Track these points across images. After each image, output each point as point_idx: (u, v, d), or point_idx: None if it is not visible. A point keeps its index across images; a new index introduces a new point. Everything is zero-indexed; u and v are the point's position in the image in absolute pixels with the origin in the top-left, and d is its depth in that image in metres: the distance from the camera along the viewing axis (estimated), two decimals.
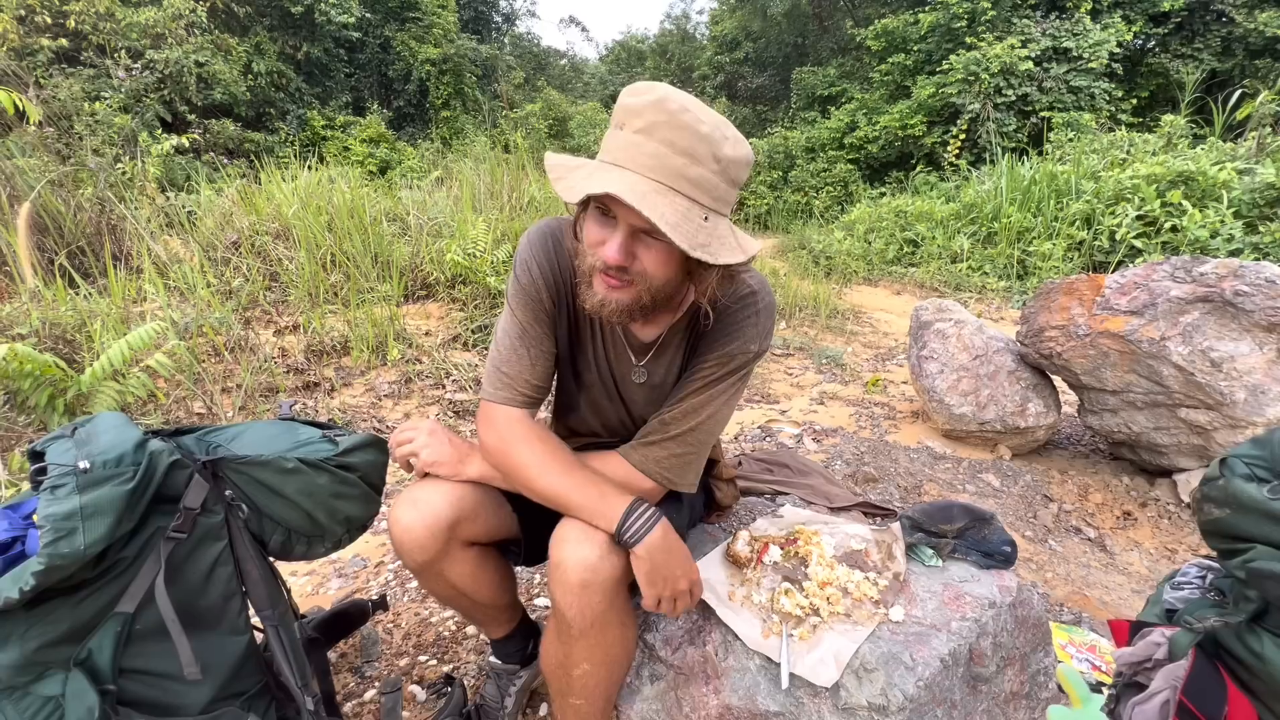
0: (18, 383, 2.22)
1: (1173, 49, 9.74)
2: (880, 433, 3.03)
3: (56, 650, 0.79)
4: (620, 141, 0.82)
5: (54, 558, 0.71)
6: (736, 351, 1.02)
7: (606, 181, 0.78)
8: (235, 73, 9.24)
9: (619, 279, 0.87)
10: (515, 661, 1.29)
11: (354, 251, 3.81)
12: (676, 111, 0.79)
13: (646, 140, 0.80)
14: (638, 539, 0.91)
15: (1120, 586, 2.02)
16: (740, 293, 1.03)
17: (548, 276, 1.03)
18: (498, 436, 1.01)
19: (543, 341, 1.04)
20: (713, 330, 1.03)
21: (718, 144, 0.81)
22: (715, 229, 0.83)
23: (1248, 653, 0.73)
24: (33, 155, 4.35)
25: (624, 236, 0.84)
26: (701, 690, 1.04)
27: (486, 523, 1.09)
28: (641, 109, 0.80)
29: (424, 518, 0.99)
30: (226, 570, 0.91)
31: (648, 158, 0.79)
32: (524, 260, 1.03)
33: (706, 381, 1.02)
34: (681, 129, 0.79)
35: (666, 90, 0.81)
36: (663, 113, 0.79)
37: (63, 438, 0.83)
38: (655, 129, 0.79)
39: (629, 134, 0.81)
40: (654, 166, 0.79)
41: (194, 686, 0.86)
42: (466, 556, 1.07)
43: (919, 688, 0.94)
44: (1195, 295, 2.20)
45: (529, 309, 1.03)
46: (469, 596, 1.11)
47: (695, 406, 1.02)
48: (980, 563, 1.17)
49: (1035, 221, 6.39)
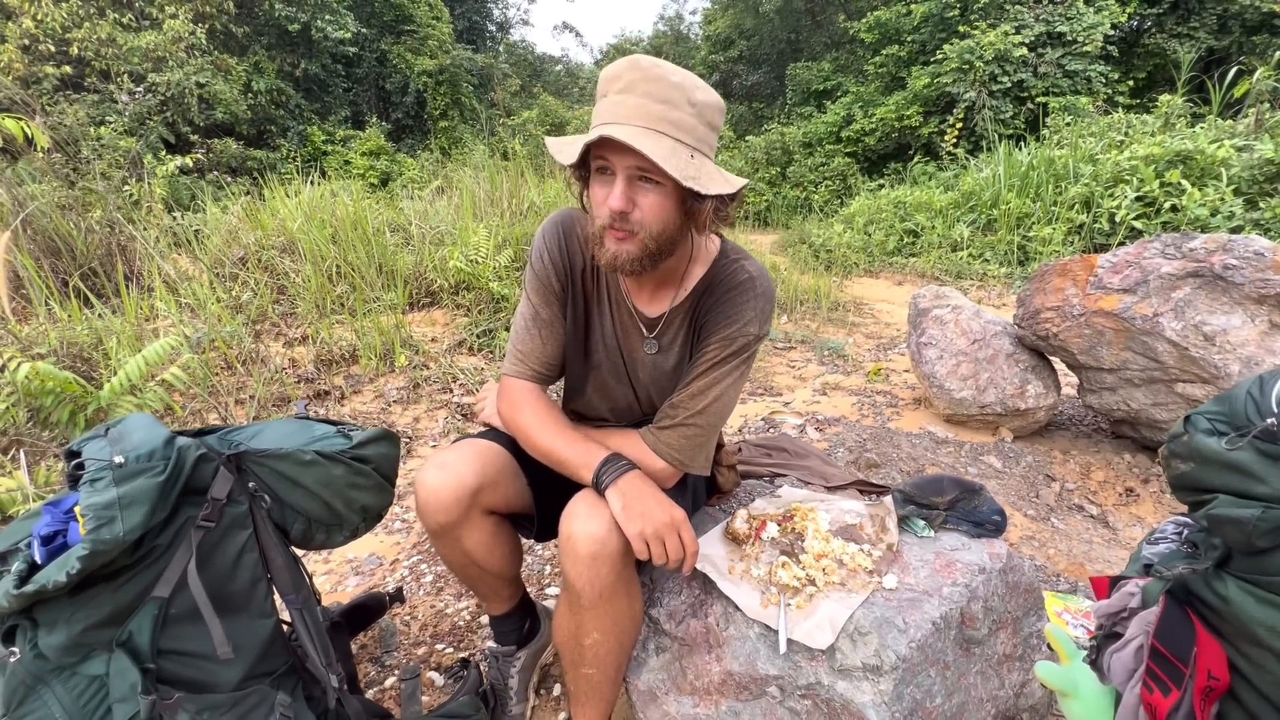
0: (40, 400, 2.30)
1: (1168, 28, 9.72)
2: (882, 420, 3.06)
3: (100, 632, 0.84)
4: (604, 106, 0.93)
5: (96, 544, 0.77)
6: (737, 334, 1.08)
7: (597, 132, 0.88)
8: (235, 92, 9.38)
9: (623, 229, 0.96)
10: (512, 642, 1.34)
11: (359, 262, 3.89)
12: (649, 68, 0.91)
13: (627, 97, 0.91)
14: (610, 481, 0.99)
15: (1121, 560, 2.05)
16: (739, 278, 1.11)
17: (558, 262, 1.13)
18: (509, 404, 1.14)
19: (553, 324, 1.15)
20: (714, 314, 1.10)
21: (690, 91, 0.92)
22: (702, 166, 0.93)
23: (1214, 596, 0.77)
24: (42, 180, 4.45)
25: (623, 184, 0.93)
26: (704, 659, 1.09)
27: (506, 492, 1.16)
28: (619, 73, 0.93)
29: (450, 481, 1.06)
30: (252, 557, 0.97)
31: (630, 110, 0.90)
32: (538, 249, 1.14)
33: (711, 363, 1.09)
34: (656, 80, 0.90)
35: (638, 55, 0.93)
36: (637, 70, 0.91)
37: (97, 438, 0.89)
38: (633, 86, 0.91)
39: (611, 97, 0.92)
40: (638, 115, 0.89)
41: (226, 665, 0.92)
42: (484, 524, 1.14)
43: (911, 649, 0.98)
44: (1186, 271, 2.23)
45: (541, 294, 1.14)
46: (480, 565, 1.17)
47: (702, 389, 1.08)
48: (971, 532, 1.22)
49: (1034, 207, 6.40)
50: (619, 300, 1.16)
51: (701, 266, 1.13)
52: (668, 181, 0.92)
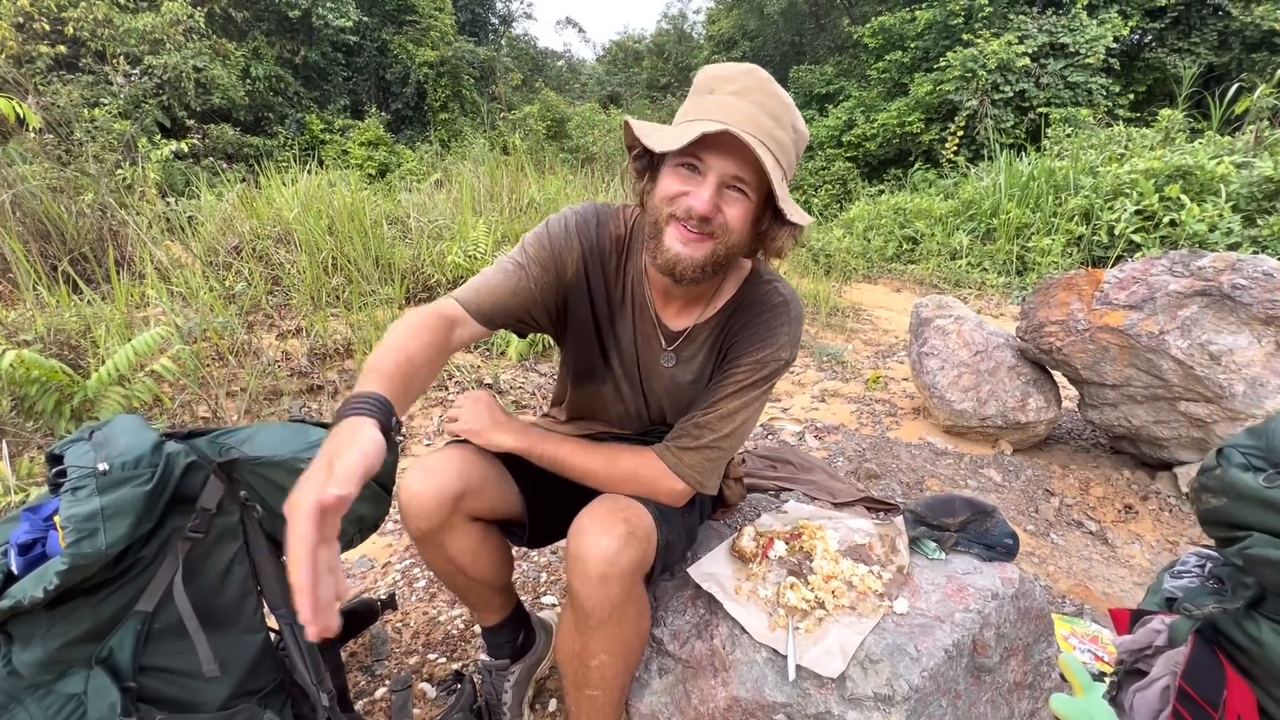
0: (25, 389, 2.24)
1: (1169, 43, 9.76)
2: (881, 429, 3.04)
3: (78, 649, 0.80)
4: (713, 102, 0.88)
5: (77, 557, 0.73)
6: (769, 359, 1.05)
7: (717, 125, 0.83)
8: (233, 77, 9.26)
9: (700, 231, 0.91)
10: (505, 655, 1.29)
11: (355, 254, 3.82)
12: (765, 80, 0.88)
13: (741, 101, 0.86)
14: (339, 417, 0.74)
15: (1122, 579, 2.04)
16: (773, 301, 1.07)
17: (583, 241, 1.06)
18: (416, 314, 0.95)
19: (536, 284, 1.03)
20: (745, 335, 1.06)
21: (795, 116, 0.90)
22: (787, 190, 0.89)
23: (1245, 638, 0.74)
24: (33, 162, 4.36)
25: (714, 188, 0.89)
26: (710, 683, 1.06)
27: (492, 499, 1.11)
28: (734, 75, 0.88)
29: (432, 485, 1.02)
30: (242, 570, 0.92)
31: (744, 116, 0.85)
32: (564, 219, 1.07)
33: (741, 386, 1.05)
34: (771, 95, 0.87)
35: (750, 64, 0.90)
36: (754, 79, 0.88)
37: (80, 441, 0.84)
38: (749, 92, 0.87)
39: (723, 96, 0.87)
40: (749, 123, 0.85)
41: (212, 684, 0.88)
42: (469, 530, 1.09)
43: (924, 678, 0.95)
44: (1193, 289, 2.21)
45: (541, 256, 1.04)
46: (466, 573, 1.13)
47: (730, 412, 1.04)
48: (983, 555, 1.19)
49: (1034, 217, 6.41)
50: (643, 308, 1.10)
51: (733, 285, 1.10)
52: (756, 196, 0.90)
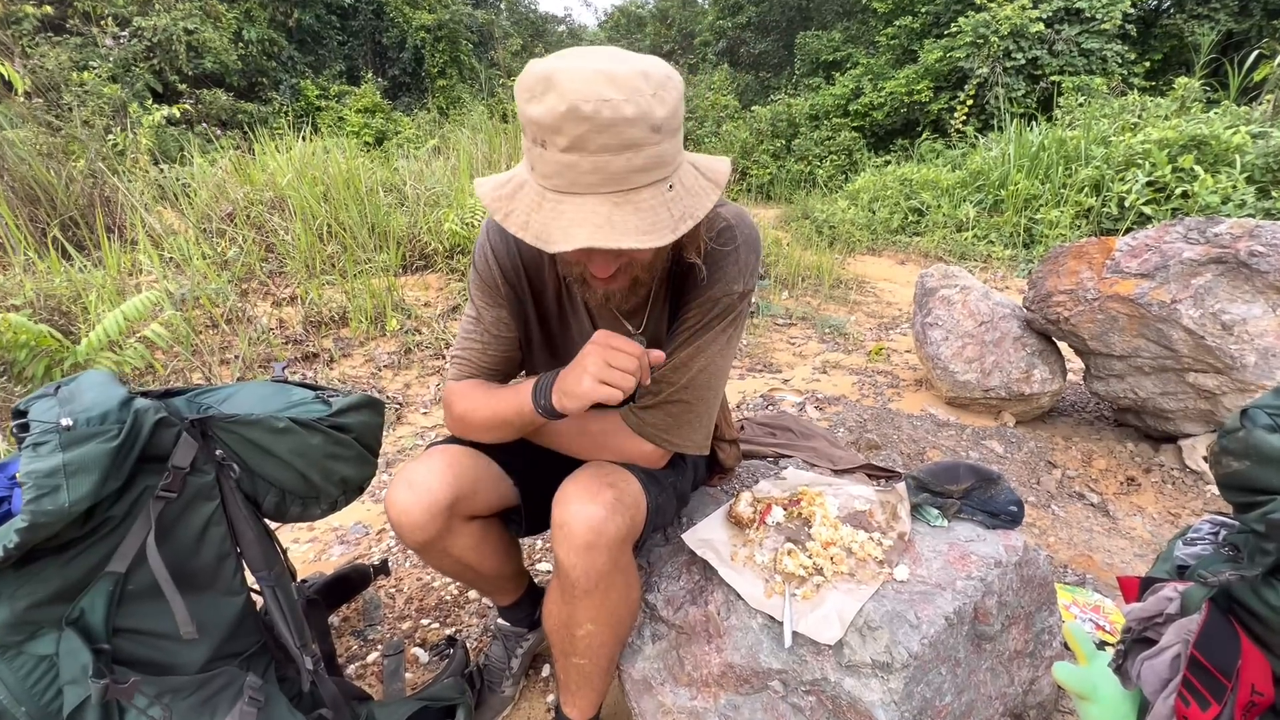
0: (13, 353, 2.20)
1: (1188, 9, 9.45)
2: (883, 401, 3.00)
3: (47, 609, 0.78)
4: (552, 164, 0.71)
5: (37, 515, 0.70)
6: (719, 295, 0.95)
7: (569, 234, 0.70)
8: (226, 41, 9.04)
9: (610, 278, 0.85)
10: (524, 625, 1.30)
11: (350, 222, 3.76)
12: (593, 114, 0.67)
13: (580, 158, 0.69)
14: (546, 394, 0.89)
15: (1123, 550, 2.02)
16: (715, 227, 0.94)
17: (504, 264, 1.02)
18: (447, 406, 1.06)
19: (497, 326, 1.04)
20: (692, 276, 0.96)
21: (648, 114, 0.69)
22: (681, 189, 0.76)
23: (1263, 606, 0.71)
24: (21, 126, 4.26)
25: (603, 263, 0.82)
26: (704, 649, 1.03)
27: (486, 497, 1.08)
28: (556, 124, 0.68)
29: (421, 499, 0.98)
30: (219, 531, 0.89)
31: (590, 175, 0.70)
32: (481, 248, 1.03)
33: (691, 331, 0.96)
34: (608, 128, 0.67)
35: (566, 84, 0.67)
36: (581, 122, 0.67)
37: (46, 396, 0.81)
38: (583, 142, 0.68)
39: (555, 154, 0.70)
40: (602, 180, 0.70)
41: (190, 646, 0.85)
42: (469, 530, 1.07)
43: (923, 645, 0.93)
44: (1209, 256, 2.15)
45: (484, 295, 1.04)
46: (474, 569, 1.11)
47: (684, 360, 0.96)
48: (986, 523, 1.16)
49: (1043, 189, 6.27)
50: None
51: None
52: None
